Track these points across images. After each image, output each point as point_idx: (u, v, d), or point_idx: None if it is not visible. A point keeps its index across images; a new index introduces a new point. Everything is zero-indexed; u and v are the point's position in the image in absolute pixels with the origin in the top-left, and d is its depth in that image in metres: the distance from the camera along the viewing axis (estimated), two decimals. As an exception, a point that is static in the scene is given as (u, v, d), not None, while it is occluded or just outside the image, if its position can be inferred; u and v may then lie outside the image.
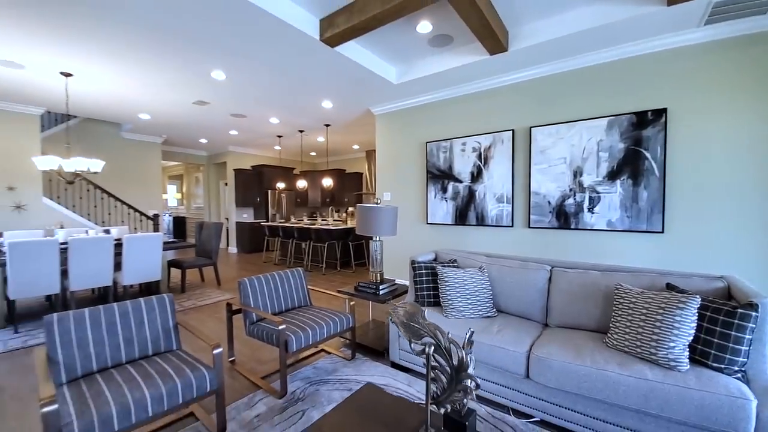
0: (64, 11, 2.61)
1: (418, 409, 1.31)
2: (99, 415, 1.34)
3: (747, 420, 1.35)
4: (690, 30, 2.86)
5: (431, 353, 0.89)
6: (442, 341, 0.90)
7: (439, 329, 0.93)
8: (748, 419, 1.35)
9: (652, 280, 1.96)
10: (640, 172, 3.12)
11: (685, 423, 1.46)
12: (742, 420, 1.36)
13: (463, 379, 0.87)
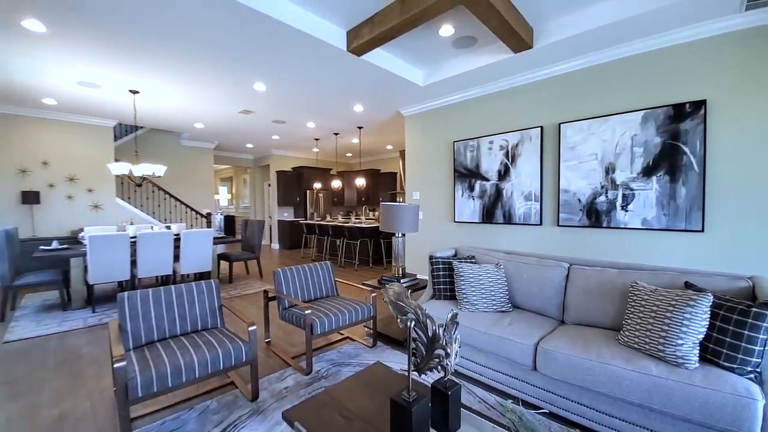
0: (133, 39, 3.08)
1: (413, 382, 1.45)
2: (157, 372, 1.66)
3: (752, 420, 1.33)
4: (729, 16, 2.67)
5: (412, 327, 1.04)
6: (420, 317, 1.04)
7: (419, 307, 1.08)
8: (753, 419, 1.33)
9: (672, 278, 1.92)
10: (678, 167, 2.95)
11: (688, 420, 1.46)
12: (746, 420, 1.34)
13: (436, 348, 1.02)
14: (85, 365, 2.60)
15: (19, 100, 4.85)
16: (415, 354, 1.06)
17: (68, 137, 5.70)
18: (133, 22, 2.79)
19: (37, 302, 4.26)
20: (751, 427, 1.34)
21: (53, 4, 2.55)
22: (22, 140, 5.33)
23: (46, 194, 5.53)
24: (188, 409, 1.97)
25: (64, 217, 5.69)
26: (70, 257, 3.90)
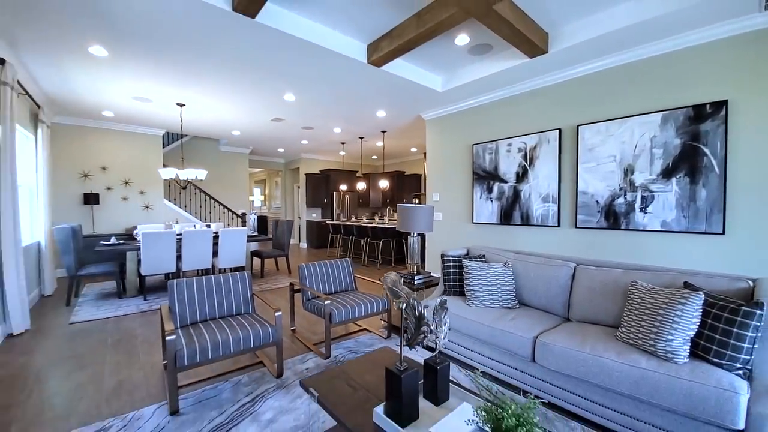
0: (180, 60, 3.49)
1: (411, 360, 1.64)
2: (199, 346, 1.96)
3: (734, 413, 1.39)
4: (749, 16, 2.62)
5: (403, 308, 1.23)
6: (410, 301, 1.23)
7: (409, 293, 1.27)
8: (735, 412, 1.39)
9: (673, 278, 1.97)
10: (698, 169, 2.92)
11: (674, 411, 1.54)
12: (729, 412, 1.40)
13: (422, 326, 1.20)
14: (138, 344, 3.02)
15: (83, 113, 5.54)
16: (407, 331, 1.25)
17: (124, 145, 6.39)
18: (180, 47, 3.19)
19: (96, 291, 4.85)
20: (733, 419, 1.40)
21: (115, 33, 2.98)
22: (85, 148, 6.05)
23: (104, 196, 6.24)
24: (223, 382, 2.28)
25: (119, 216, 6.39)
26: (126, 251, 4.44)
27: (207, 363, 2.02)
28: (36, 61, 3.59)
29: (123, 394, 2.21)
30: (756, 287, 1.72)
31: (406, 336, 1.24)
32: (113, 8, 2.58)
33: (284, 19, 2.88)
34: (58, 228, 4.15)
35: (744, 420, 1.40)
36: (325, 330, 2.58)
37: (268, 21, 2.78)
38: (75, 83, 4.21)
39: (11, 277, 3.25)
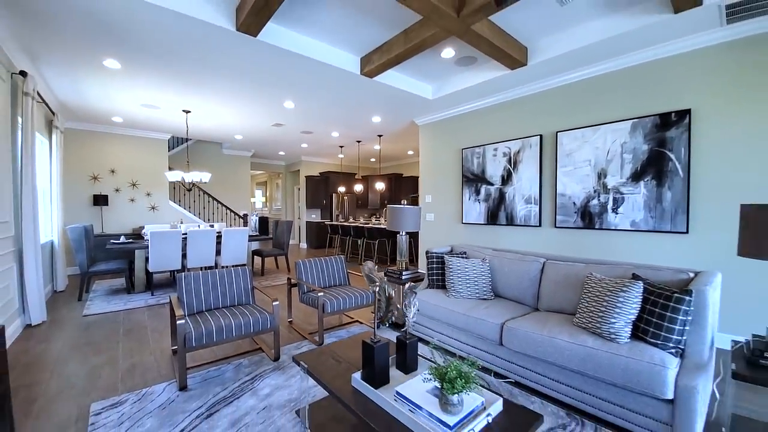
0: (187, 71, 3.77)
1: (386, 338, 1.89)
2: (205, 330, 2.22)
3: (663, 384, 1.63)
4: (713, 30, 2.86)
5: (376, 290, 1.48)
6: (382, 285, 1.48)
7: (382, 279, 1.52)
8: (664, 384, 1.63)
9: (625, 271, 2.21)
10: (664, 173, 3.16)
11: (614, 384, 1.78)
12: (658, 384, 1.64)
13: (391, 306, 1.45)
14: (148, 333, 3.28)
15: (93, 119, 5.83)
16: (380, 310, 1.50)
17: (131, 149, 6.68)
18: (187, 60, 3.46)
19: (106, 287, 5.13)
20: (662, 390, 1.64)
21: (128, 48, 3.26)
22: (95, 152, 6.35)
23: (113, 197, 6.53)
24: (226, 364, 2.54)
25: (127, 217, 6.67)
26: (135, 249, 4.71)
27: (212, 345, 2.28)
28: (53, 73, 3.88)
29: (136, 375, 2.46)
30: (695, 278, 1.97)
31: (379, 313, 1.49)
32: (128, 26, 2.86)
33: (283, 36, 3.15)
34: (71, 227, 4.42)
35: (672, 391, 1.64)
36: (318, 319, 2.83)
37: (268, 39, 3.05)
38: (88, 92, 4.50)
39: (30, 273, 3.52)
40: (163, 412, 1.98)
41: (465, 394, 1.26)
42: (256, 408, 2.01)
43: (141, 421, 1.91)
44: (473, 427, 1.21)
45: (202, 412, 1.98)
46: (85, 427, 1.89)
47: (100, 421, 1.92)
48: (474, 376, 1.22)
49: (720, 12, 2.66)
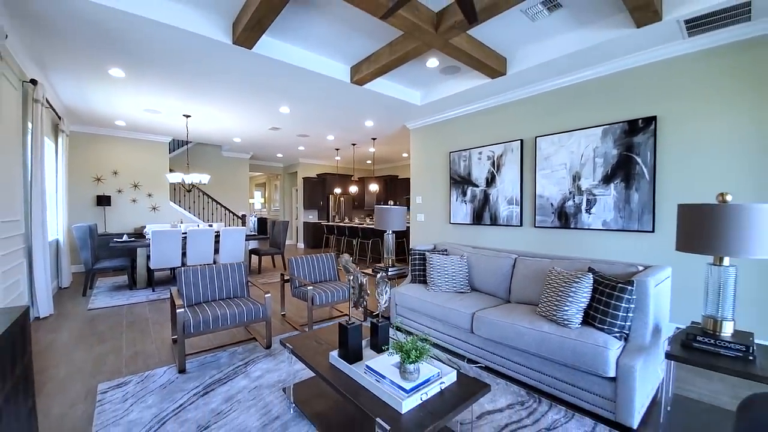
0: (188, 78, 4.00)
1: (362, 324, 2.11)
2: (203, 318, 2.44)
3: (605, 364, 1.85)
4: (677, 42, 3.08)
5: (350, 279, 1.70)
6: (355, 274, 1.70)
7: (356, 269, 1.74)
8: (606, 363, 1.85)
9: (583, 265, 2.44)
10: (632, 176, 3.38)
11: (566, 365, 2.00)
12: (601, 364, 1.86)
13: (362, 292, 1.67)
14: (150, 325, 3.50)
15: (97, 122, 6.06)
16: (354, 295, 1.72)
17: (133, 151, 6.92)
18: (188, 69, 3.70)
19: (109, 284, 5.35)
20: (605, 369, 1.86)
21: (132, 58, 3.49)
22: (98, 154, 6.58)
23: (115, 198, 6.75)
24: (222, 351, 2.76)
25: (128, 217, 6.90)
26: (137, 248, 4.93)
27: (208, 332, 2.50)
28: (61, 80, 4.11)
29: (139, 361, 2.69)
30: (643, 272, 2.19)
31: (353, 299, 1.71)
32: (132, 39, 3.09)
33: (277, 48, 3.38)
34: (76, 226, 4.65)
35: (614, 370, 1.86)
36: (308, 311, 3.05)
37: (263, 51, 3.28)
38: (93, 98, 4.73)
39: (39, 268, 3.74)
40: (163, 391, 2.20)
41: (421, 364, 1.48)
42: (248, 387, 2.23)
43: (144, 398, 2.13)
44: (427, 391, 1.44)
45: (199, 391, 2.20)
46: (93, 403, 2.11)
47: (106, 398, 2.14)
48: (428, 348, 1.44)
49: (680, 26, 2.89)
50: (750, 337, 1.76)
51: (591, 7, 2.88)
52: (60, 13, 2.70)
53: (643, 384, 1.85)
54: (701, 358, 1.70)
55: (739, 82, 2.87)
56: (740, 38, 2.85)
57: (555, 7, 2.86)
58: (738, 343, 1.69)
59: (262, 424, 1.86)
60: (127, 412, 1.99)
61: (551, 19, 3.05)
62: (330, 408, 1.91)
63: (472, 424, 1.85)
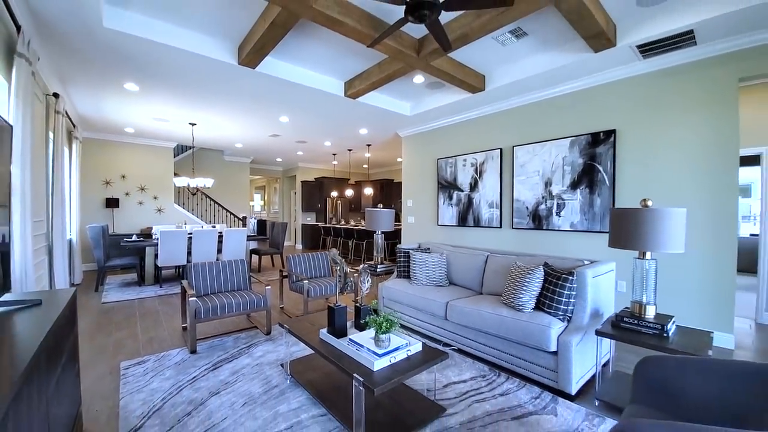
0: (195, 91, 4.39)
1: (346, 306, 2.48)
2: (211, 306, 2.82)
3: (548, 340, 2.23)
4: (634, 63, 3.47)
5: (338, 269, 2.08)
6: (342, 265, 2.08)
7: (342, 261, 2.12)
8: (548, 339, 2.22)
9: (541, 260, 2.82)
10: (595, 182, 3.78)
11: (519, 342, 2.38)
12: (545, 340, 2.24)
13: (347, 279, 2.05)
14: (161, 315, 3.86)
15: (108, 129, 6.44)
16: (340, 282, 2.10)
17: (140, 156, 7.29)
18: (196, 85, 4.09)
19: (118, 281, 5.70)
20: (548, 345, 2.23)
21: (146, 74, 3.87)
22: (107, 159, 6.96)
23: (123, 200, 7.12)
24: (227, 337, 3.13)
25: (135, 218, 7.27)
26: (146, 247, 5.30)
27: (216, 319, 2.87)
28: (79, 93, 4.50)
29: (154, 344, 3.05)
30: (587, 265, 2.57)
31: (340, 285, 2.09)
32: (147, 60, 3.47)
33: (278, 67, 3.77)
34: (90, 227, 5.02)
35: (555, 345, 2.23)
36: (304, 303, 3.43)
37: (265, 70, 3.68)
38: (106, 108, 5.12)
39: (58, 264, 4.11)
40: (178, 367, 2.57)
41: (392, 336, 1.86)
42: (251, 364, 2.60)
43: (162, 372, 2.49)
44: (395, 356, 1.81)
45: (209, 367, 2.57)
46: (118, 376, 2.48)
47: (129, 372, 2.51)
48: (395, 322, 1.82)
49: (634, 51, 3.28)
50: (669, 319, 2.13)
51: (553, 35, 3.27)
52: (85, 38, 3.07)
53: (581, 357, 2.23)
54: (625, 335, 2.07)
55: (689, 99, 3.25)
56: (689, 60, 3.24)
57: (522, 35, 3.26)
58: (656, 323, 2.07)
59: (263, 390, 2.23)
60: (149, 382, 2.36)
61: (520, 45, 3.45)
62: (320, 377, 2.28)
63: (435, 392, 2.23)
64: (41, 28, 2.91)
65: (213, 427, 1.87)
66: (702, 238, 3.14)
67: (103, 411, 2.07)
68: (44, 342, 1.16)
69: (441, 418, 1.94)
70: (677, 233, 2.00)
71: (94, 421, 1.97)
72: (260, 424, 1.89)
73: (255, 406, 2.07)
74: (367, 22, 2.84)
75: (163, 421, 1.93)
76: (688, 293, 3.20)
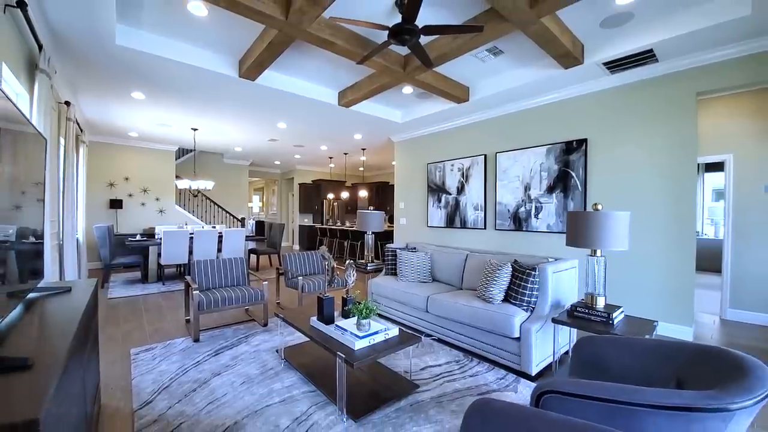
0: (198, 100, 4.68)
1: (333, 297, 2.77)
2: (213, 299, 3.10)
3: (512, 327, 2.52)
4: (603, 78, 3.78)
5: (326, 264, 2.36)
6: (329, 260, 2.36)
7: (330, 257, 2.40)
8: (512, 327, 2.51)
9: (511, 258, 3.11)
10: (569, 187, 4.08)
11: (488, 330, 2.67)
12: (509, 327, 2.53)
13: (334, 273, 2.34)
14: (165, 310, 4.14)
15: (113, 133, 6.72)
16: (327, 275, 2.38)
17: (143, 159, 7.57)
18: (199, 94, 4.38)
19: (122, 278, 5.97)
20: (511, 331, 2.52)
21: (152, 85, 4.16)
22: (112, 161, 7.23)
23: (126, 202, 7.39)
24: (227, 328, 3.41)
25: (138, 219, 7.54)
26: (149, 246, 5.57)
27: (217, 310, 3.15)
28: (87, 100, 4.78)
29: (160, 334, 3.33)
30: (551, 263, 2.86)
31: (327, 278, 2.38)
32: (156, 72, 3.76)
33: (276, 79, 4.07)
34: (97, 227, 5.29)
35: (518, 332, 2.52)
36: (298, 298, 3.71)
37: (264, 82, 3.97)
38: (113, 114, 5.40)
39: (68, 262, 4.37)
40: (183, 353, 2.85)
41: (373, 321, 2.15)
42: (249, 351, 2.88)
43: (168, 357, 2.77)
44: (374, 338, 2.10)
45: (211, 353, 2.85)
46: (129, 360, 2.75)
47: (139, 358, 2.78)
48: (375, 309, 2.10)
49: (601, 67, 3.59)
50: (616, 309, 2.41)
51: (527, 53, 3.58)
52: (98, 53, 3.35)
53: (542, 343, 2.52)
54: (577, 323, 2.36)
55: (652, 111, 3.56)
56: (652, 75, 3.54)
57: (498, 52, 3.57)
58: (604, 312, 2.36)
59: (260, 372, 2.51)
60: (157, 365, 2.64)
61: (497, 61, 3.76)
62: (310, 361, 2.57)
63: (411, 374, 2.52)
64: (58, 44, 3.20)
65: (215, 401, 2.15)
66: (664, 238, 3.44)
67: (118, 388, 2.35)
68: (81, 320, 1.44)
69: (414, 393, 2.22)
70: (622, 233, 2.30)
71: (111, 397, 2.25)
72: (257, 398, 2.18)
73: (252, 384, 2.35)
74: (356, 42, 3.14)
75: (171, 396, 2.21)
76: (651, 290, 3.50)
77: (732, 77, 3.14)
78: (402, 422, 1.94)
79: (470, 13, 2.87)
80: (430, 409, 2.06)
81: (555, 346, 2.48)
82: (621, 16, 2.93)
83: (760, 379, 1.15)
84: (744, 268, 4.01)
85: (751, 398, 1.08)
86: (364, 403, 2.07)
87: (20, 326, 1.31)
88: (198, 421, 1.96)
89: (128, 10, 2.93)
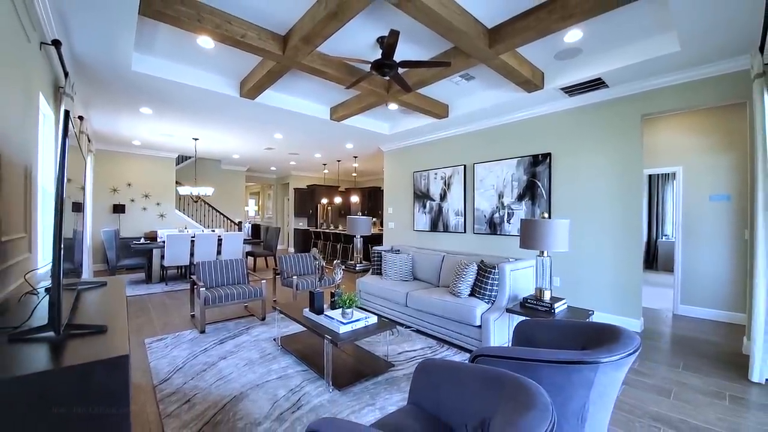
0: (200, 114, 5.10)
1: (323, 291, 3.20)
2: (217, 295, 3.52)
3: (474, 317, 2.97)
4: (563, 100, 4.28)
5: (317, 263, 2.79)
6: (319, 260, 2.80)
7: (320, 257, 2.84)
8: (474, 317, 2.97)
9: (478, 258, 3.58)
10: (536, 195, 4.56)
11: (456, 320, 3.12)
12: (472, 317, 2.98)
13: (323, 272, 2.77)
14: (169, 307, 4.53)
15: (117, 142, 7.10)
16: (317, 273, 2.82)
17: (145, 165, 7.95)
18: (202, 110, 4.80)
19: (127, 279, 6.33)
20: (473, 320, 2.98)
21: (159, 102, 4.57)
22: (115, 168, 7.60)
23: (129, 206, 7.75)
24: (229, 322, 3.83)
25: (140, 223, 7.90)
26: (153, 249, 5.96)
27: (220, 306, 3.57)
28: (98, 114, 5.18)
29: (169, 327, 3.73)
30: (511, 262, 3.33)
31: (318, 276, 2.82)
32: (163, 92, 4.19)
33: (273, 98, 4.51)
34: (104, 230, 5.66)
35: (479, 321, 2.98)
36: (293, 296, 4.13)
37: (263, 100, 4.41)
38: (119, 126, 5.80)
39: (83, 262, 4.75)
40: (192, 342, 3.26)
41: (356, 311, 2.59)
42: (250, 340, 3.30)
43: (179, 345, 3.18)
44: (356, 325, 2.54)
45: (216, 342, 3.26)
46: (144, 348, 3.16)
47: (152, 346, 3.19)
48: (356, 300, 2.55)
49: (560, 92, 4.08)
50: (559, 301, 2.86)
51: (494, 79, 4.07)
52: (114, 77, 3.76)
53: (501, 331, 2.98)
54: (525, 312, 2.82)
55: (604, 130, 4.06)
56: (604, 99, 4.05)
57: (470, 78, 4.05)
58: (548, 303, 2.81)
59: (260, 356, 2.94)
60: (170, 352, 3.05)
61: (470, 85, 4.25)
62: (303, 347, 3.00)
63: (388, 357, 2.96)
64: (79, 70, 3.61)
65: (223, 378, 2.57)
66: (615, 240, 3.93)
67: (138, 369, 2.76)
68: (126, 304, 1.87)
69: (390, 371, 2.66)
70: (562, 237, 2.77)
71: (133, 376, 2.66)
72: (258, 376, 2.60)
73: (254, 365, 2.77)
74: (345, 70, 3.60)
75: (185, 375, 2.63)
76: (603, 286, 3.98)
77: (670, 102, 3.64)
78: (378, 392, 2.38)
79: (441, 48, 3.35)
80: (402, 383, 2.50)
81: (509, 332, 2.93)
82: (570, 50, 3.42)
83: (623, 345, 1.61)
84: (693, 267, 4.51)
85: (611, 356, 1.54)
86: (347, 378, 2.51)
87: (81, 308, 1.73)
88: (209, 392, 2.38)
89: (144, 40, 3.36)
